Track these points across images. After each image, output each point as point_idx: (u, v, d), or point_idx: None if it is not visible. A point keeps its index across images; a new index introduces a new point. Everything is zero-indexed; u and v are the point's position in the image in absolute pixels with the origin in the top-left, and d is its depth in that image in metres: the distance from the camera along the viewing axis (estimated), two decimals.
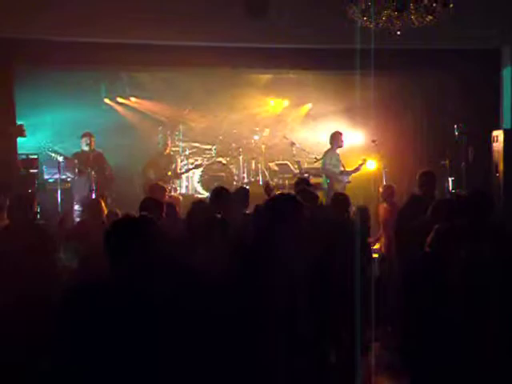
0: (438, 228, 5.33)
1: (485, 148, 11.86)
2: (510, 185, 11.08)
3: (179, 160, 13.11)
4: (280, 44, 11.48)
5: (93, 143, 11.45)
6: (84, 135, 11.45)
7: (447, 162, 12.37)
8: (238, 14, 10.61)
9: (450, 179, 12.22)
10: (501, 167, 11.34)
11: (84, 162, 11.16)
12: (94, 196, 10.31)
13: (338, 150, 11.91)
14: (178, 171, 12.42)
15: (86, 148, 11.38)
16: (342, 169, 11.76)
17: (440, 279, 4.99)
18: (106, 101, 14.22)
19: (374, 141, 12.39)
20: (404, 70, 12.68)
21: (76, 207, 10.87)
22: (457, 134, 12.05)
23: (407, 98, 14.24)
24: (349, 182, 11.83)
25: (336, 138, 11.90)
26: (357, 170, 11.96)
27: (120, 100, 14.34)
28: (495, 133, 11.67)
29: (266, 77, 14.12)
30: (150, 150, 12.73)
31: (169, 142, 12.37)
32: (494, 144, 11.62)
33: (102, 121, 13.19)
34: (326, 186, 11.62)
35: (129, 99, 14.38)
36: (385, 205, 9.29)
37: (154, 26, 10.62)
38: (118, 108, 14.33)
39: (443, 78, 12.97)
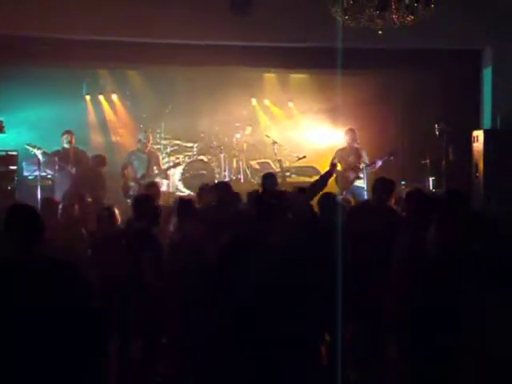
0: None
1: (465, 148, 11.94)
2: (489, 184, 11.16)
3: (161, 157, 13.04)
4: (262, 42, 11.49)
5: (73, 140, 11.38)
6: (65, 133, 11.37)
7: (428, 161, 12.43)
8: (221, 12, 10.62)
9: (430, 179, 12.28)
10: (481, 167, 11.43)
11: (65, 159, 11.10)
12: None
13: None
14: (162, 168, 12.34)
15: (66, 145, 11.31)
16: (362, 165, 11.64)
17: None
18: (87, 98, 14.13)
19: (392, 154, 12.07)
20: (385, 69, 12.71)
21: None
22: (437, 133, 12.11)
23: (388, 97, 14.29)
24: (358, 177, 11.64)
25: (347, 135, 11.85)
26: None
27: (101, 97, 14.25)
28: (475, 133, 11.75)
29: (248, 75, 14.10)
30: (131, 148, 12.65)
31: (149, 140, 12.28)
32: (475, 144, 11.69)
33: (82, 118, 13.14)
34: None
35: (110, 96, 14.30)
36: None
37: (136, 24, 10.60)
38: (99, 105, 14.24)
39: (424, 77, 13.04)
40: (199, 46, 11.36)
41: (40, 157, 11.01)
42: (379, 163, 11.57)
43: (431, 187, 12.13)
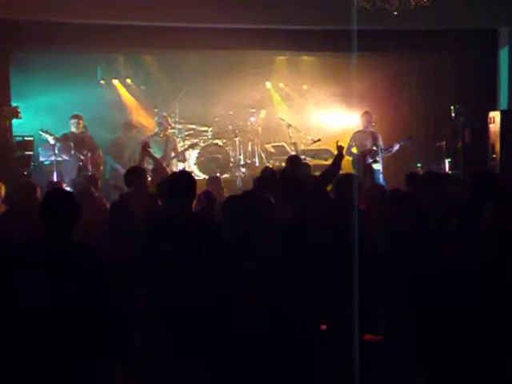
0: None
1: (482, 129, 11.85)
2: (506, 166, 11.09)
3: (178, 141, 13.07)
4: (276, 25, 11.42)
5: (81, 125, 11.44)
6: (73, 117, 11.43)
7: (444, 143, 12.37)
8: None
9: (446, 160, 12.22)
10: (497, 148, 11.34)
11: (75, 144, 11.16)
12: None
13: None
14: (179, 151, 12.40)
15: (74, 130, 11.36)
16: (374, 148, 11.55)
17: None
18: (102, 82, 14.16)
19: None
20: (401, 51, 12.62)
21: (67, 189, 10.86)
22: (453, 115, 12.03)
23: (403, 79, 14.22)
24: (373, 161, 11.56)
25: (362, 118, 11.79)
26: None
27: (115, 82, 14.27)
28: (492, 114, 11.66)
29: (262, 58, 14.04)
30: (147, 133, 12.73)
31: (167, 123, 12.32)
32: (491, 125, 11.61)
33: (97, 102, 13.14)
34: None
35: (124, 81, 14.32)
36: None
37: (149, 8, 10.58)
38: (114, 90, 14.27)
39: (440, 58, 12.94)
40: (214, 29, 11.31)
41: (52, 142, 11.07)
42: (396, 147, 11.51)
43: (447, 169, 12.07)
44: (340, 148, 8.19)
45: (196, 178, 12.64)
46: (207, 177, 12.38)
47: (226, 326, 4.69)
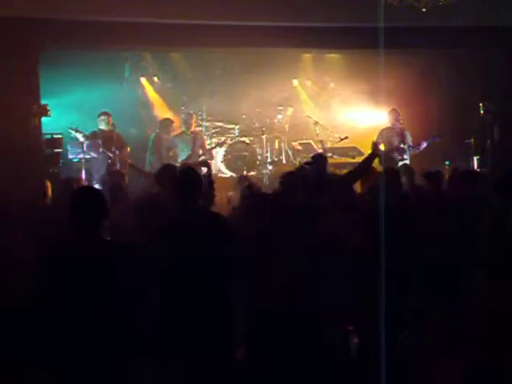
0: None
1: (510, 126, 11.74)
2: None
3: (205, 138, 13.10)
4: (303, 22, 11.40)
5: (110, 122, 11.51)
6: (102, 114, 11.51)
7: (472, 140, 12.26)
8: None
9: (474, 158, 12.12)
10: None
11: (104, 141, 11.23)
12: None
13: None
14: (206, 149, 12.44)
15: (103, 127, 11.44)
16: (402, 146, 11.50)
17: None
18: (129, 80, 14.23)
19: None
20: (429, 48, 12.54)
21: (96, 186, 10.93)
22: (482, 112, 11.94)
23: (432, 76, 14.11)
24: (402, 158, 11.49)
25: (390, 116, 11.74)
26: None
27: (143, 79, 14.35)
28: None
29: (289, 56, 14.03)
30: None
31: (193, 121, 12.36)
32: None
33: (124, 100, 13.22)
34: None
35: (151, 79, 14.38)
36: None
37: (177, 6, 10.62)
38: (141, 87, 14.34)
39: (469, 56, 12.83)
40: (239, 26, 11.31)
41: (82, 140, 11.15)
42: (424, 145, 11.43)
43: (475, 166, 11.97)
44: (375, 146, 8.06)
45: (222, 175, 12.77)
46: (234, 175, 12.44)
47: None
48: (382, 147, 11.59)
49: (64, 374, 3.91)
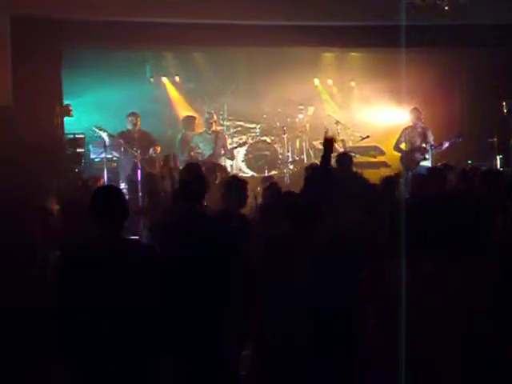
0: None
1: None
2: None
3: (227, 137, 13.12)
4: (324, 22, 11.38)
5: (138, 122, 11.57)
6: (130, 114, 11.58)
7: (495, 139, 12.18)
8: None
9: (497, 157, 12.04)
10: None
11: (129, 141, 11.28)
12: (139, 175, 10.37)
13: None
14: (229, 147, 12.47)
15: (131, 127, 11.50)
16: (424, 145, 11.45)
17: None
18: (151, 80, 14.28)
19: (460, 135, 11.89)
20: (451, 46, 12.47)
21: (122, 186, 10.98)
22: (505, 111, 11.85)
23: (454, 75, 14.02)
24: (424, 158, 11.43)
25: (411, 115, 11.69)
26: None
27: (164, 79, 14.38)
28: None
29: (309, 55, 14.00)
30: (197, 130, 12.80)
31: (214, 120, 12.39)
32: None
33: (147, 100, 13.26)
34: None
35: (173, 78, 14.42)
36: None
37: (198, 5, 10.64)
38: (163, 87, 14.38)
39: (491, 54, 12.74)
40: (261, 26, 11.32)
41: (106, 139, 11.21)
42: (446, 144, 11.38)
43: (498, 165, 11.89)
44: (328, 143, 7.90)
45: (244, 175, 12.81)
46: (255, 174, 12.45)
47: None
48: (403, 146, 11.55)
49: (92, 374, 3.93)
